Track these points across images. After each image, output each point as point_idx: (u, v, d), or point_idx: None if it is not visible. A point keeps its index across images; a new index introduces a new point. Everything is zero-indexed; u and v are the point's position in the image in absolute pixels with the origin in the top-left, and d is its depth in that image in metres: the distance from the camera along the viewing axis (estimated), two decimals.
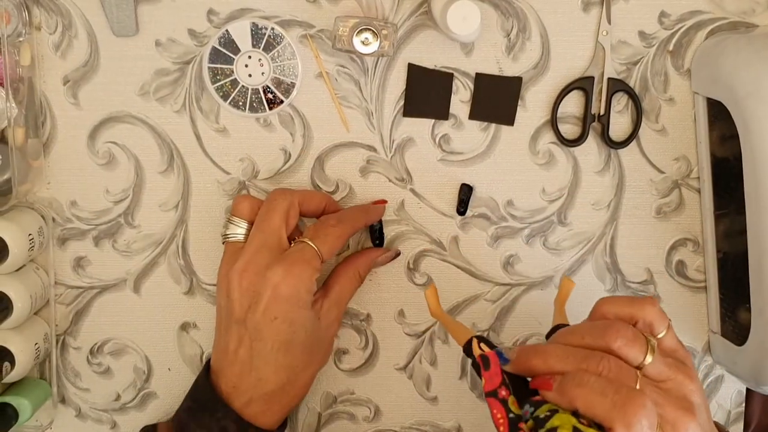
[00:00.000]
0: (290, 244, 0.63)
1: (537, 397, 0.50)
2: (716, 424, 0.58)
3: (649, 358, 0.51)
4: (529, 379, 0.52)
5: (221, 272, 0.64)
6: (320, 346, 0.65)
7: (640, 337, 0.51)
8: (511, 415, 0.49)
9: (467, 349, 0.55)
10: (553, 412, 0.48)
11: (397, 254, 0.71)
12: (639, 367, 0.51)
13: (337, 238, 0.63)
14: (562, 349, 0.52)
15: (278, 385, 0.62)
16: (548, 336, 0.61)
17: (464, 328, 0.58)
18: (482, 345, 0.54)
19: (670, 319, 0.54)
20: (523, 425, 0.49)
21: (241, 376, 0.62)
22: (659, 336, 0.53)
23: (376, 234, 0.70)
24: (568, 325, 0.60)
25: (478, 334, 0.58)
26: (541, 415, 0.48)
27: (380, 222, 0.70)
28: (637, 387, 0.49)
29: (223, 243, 0.66)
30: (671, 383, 0.52)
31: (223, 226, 0.66)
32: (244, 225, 0.65)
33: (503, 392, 0.50)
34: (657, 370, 0.51)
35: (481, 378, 0.51)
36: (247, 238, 0.64)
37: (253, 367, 0.61)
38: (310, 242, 0.62)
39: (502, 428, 0.49)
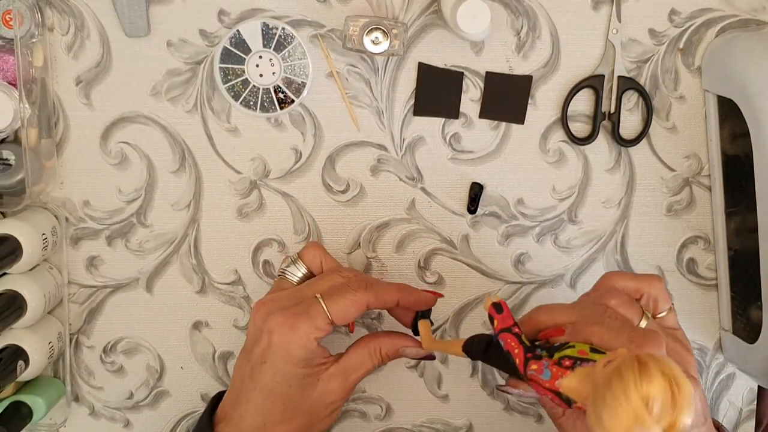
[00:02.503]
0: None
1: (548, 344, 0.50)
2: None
3: (644, 322, 0.51)
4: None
5: (258, 300, 0.63)
6: (306, 407, 0.60)
7: (635, 303, 0.52)
8: (526, 344, 0.49)
9: (468, 348, 0.54)
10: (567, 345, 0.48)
11: (432, 357, 0.65)
12: None
13: (353, 304, 0.59)
14: (566, 305, 0.52)
15: (252, 427, 0.59)
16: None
17: (458, 341, 0.57)
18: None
19: (673, 303, 0.54)
20: (538, 352, 0.48)
21: (231, 406, 0.60)
22: (661, 315, 0.54)
23: (417, 321, 0.64)
24: None
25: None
26: (556, 344, 0.48)
27: (429, 312, 0.64)
28: None
29: (277, 276, 0.65)
30: (671, 352, 0.51)
31: (284, 262, 0.66)
32: (304, 270, 0.65)
33: (516, 329, 0.50)
34: None
35: (493, 324, 0.50)
36: (299, 282, 0.64)
37: (239, 401, 0.60)
38: (321, 300, 0.59)
39: (517, 350, 0.48)
